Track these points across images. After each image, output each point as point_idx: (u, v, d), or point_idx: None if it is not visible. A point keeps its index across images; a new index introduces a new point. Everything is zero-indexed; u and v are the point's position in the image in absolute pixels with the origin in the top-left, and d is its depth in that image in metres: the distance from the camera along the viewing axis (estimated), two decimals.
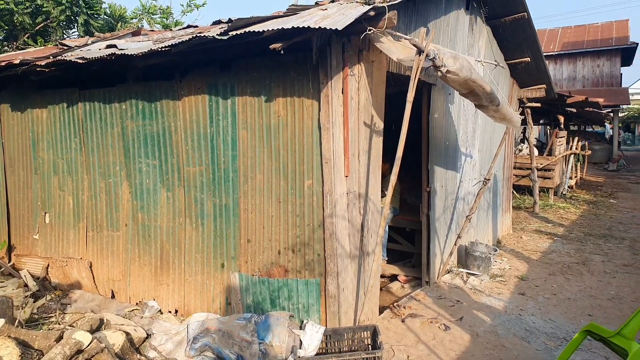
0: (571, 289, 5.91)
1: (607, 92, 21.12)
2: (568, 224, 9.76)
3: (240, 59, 4.22)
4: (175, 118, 4.67)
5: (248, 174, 4.31)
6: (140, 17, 12.23)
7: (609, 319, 5.03)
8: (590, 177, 17.80)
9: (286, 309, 4.18)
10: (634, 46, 23.78)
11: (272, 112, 4.12)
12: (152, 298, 5.04)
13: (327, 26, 3.14)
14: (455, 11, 5.64)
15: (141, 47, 4.44)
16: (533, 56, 7.36)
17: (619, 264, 6.98)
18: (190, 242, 4.74)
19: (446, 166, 5.87)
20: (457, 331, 4.68)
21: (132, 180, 5.08)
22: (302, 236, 4.08)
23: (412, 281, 6.11)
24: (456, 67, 3.60)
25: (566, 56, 24.15)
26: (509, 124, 5.38)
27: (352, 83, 3.95)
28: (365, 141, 4.22)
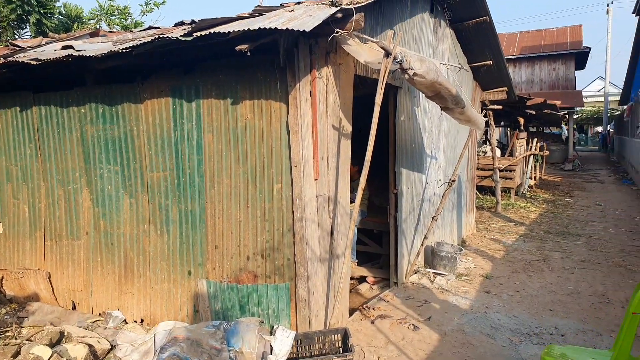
0: (533, 286, 6.06)
1: (562, 95, 21.92)
2: (529, 222, 10.04)
3: (205, 60, 4.13)
4: (138, 122, 4.53)
5: (215, 179, 4.22)
6: (98, 17, 11.87)
7: (568, 313, 5.19)
8: (548, 176, 18.39)
9: (256, 314, 4.11)
10: (587, 51, 24.81)
11: (238, 115, 4.04)
12: (116, 308, 4.87)
13: (294, 27, 3.10)
14: (420, 14, 5.71)
15: (100, 48, 4.30)
16: (495, 59, 7.53)
17: (577, 260, 7.22)
18: (155, 249, 4.60)
19: (412, 168, 5.92)
20: (426, 331, 4.72)
21: (93, 187, 4.90)
22: (271, 241, 4.02)
23: (380, 282, 6.13)
24: (423, 70, 3.62)
25: (525, 60, 24.95)
26: (473, 126, 5.47)
27: (320, 85, 3.92)
28: (334, 144, 4.20)
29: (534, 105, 10.84)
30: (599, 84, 43.43)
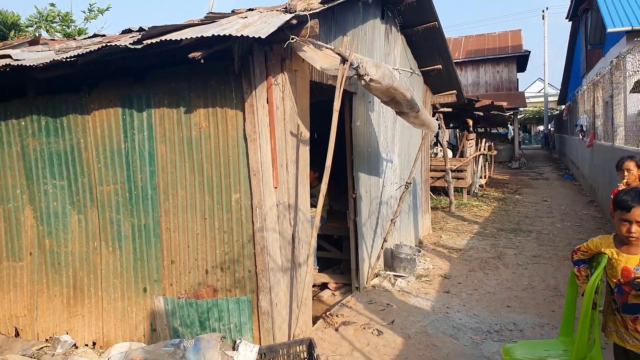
0: (490, 283, 6.19)
1: (507, 96, 22.78)
2: (482, 221, 10.30)
3: (156, 68, 3.98)
4: (85, 134, 4.31)
5: (169, 191, 4.06)
6: (38, 24, 11.27)
7: (525, 308, 5.32)
8: (497, 175, 19.02)
9: (217, 330, 3.98)
10: (527, 54, 25.97)
11: (192, 123, 3.92)
12: (65, 332, 4.60)
13: (249, 34, 3.03)
14: (371, 20, 5.74)
15: (42, 57, 4.06)
16: (444, 63, 7.69)
17: (529, 255, 7.45)
18: (107, 267, 4.38)
19: (370, 172, 5.94)
20: (390, 335, 4.71)
21: (36, 204, 4.62)
22: (231, 253, 3.91)
23: (342, 288, 6.10)
24: (379, 76, 3.63)
25: (470, 63, 25.80)
26: (427, 129, 5.55)
27: (277, 92, 3.85)
28: (292, 151, 4.14)
29: (482, 107, 11.17)
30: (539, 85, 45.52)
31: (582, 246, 3.01)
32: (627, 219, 2.61)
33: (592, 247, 2.91)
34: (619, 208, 2.65)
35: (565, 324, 3.29)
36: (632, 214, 2.58)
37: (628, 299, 2.65)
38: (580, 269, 3.03)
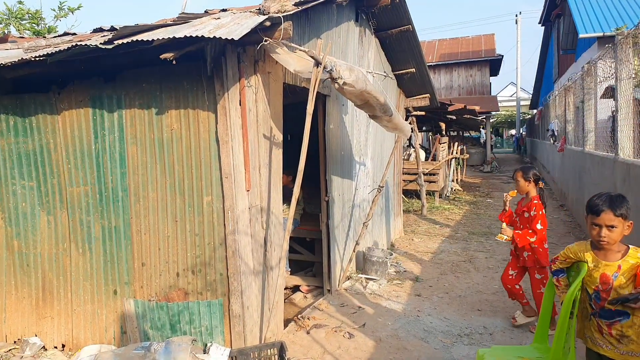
0: (461, 287, 6.28)
1: (480, 100, 23.17)
2: (453, 224, 10.45)
3: (127, 69, 3.94)
4: (55, 134, 4.25)
5: (140, 193, 4.03)
6: (7, 22, 10.99)
7: (495, 312, 5.41)
8: (468, 178, 19.31)
9: (188, 333, 3.96)
10: (500, 58, 26.44)
11: (164, 125, 3.89)
12: (33, 334, 4.51)
13: (222, 36, 3.04)
14: (345, 23, 5.79)
15: (10, 55, 3.99)
16: (417, 67, 7.79)
17: (500, 259, 7.57)
18: (77, 269, 4.32)
19: (343, 175, 5.98)
20: (361, 338, 4.75)
21: (4, 205, 4.52)
22: (202, 256, 3.90)
23: (314, 290, 6.13)
24: (352, 79, 3.67)
25: (443, 66, 26.15)
26: (400, 132, 5.62)
27: (250, 94, 3.86)
28: (265, 154, 4.15)
29: (455, 111, 11.36)
30: (511, 89, 46.41)
31: (559, 255, 3.01)
32: (597, 223, 2.67)
33: (570, 255, 2.91)
34: (590, 212, 2.71)
35: (540, 330, 3.31)
36: (602, 218, 2.63)
37: (605, 305, 2.72)
38: (559, 279, 3.03)
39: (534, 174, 4.80)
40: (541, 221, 4.66)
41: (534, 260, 4.83)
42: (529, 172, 4.82)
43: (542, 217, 4.67)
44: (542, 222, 4.67)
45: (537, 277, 4.87)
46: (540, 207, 4.71)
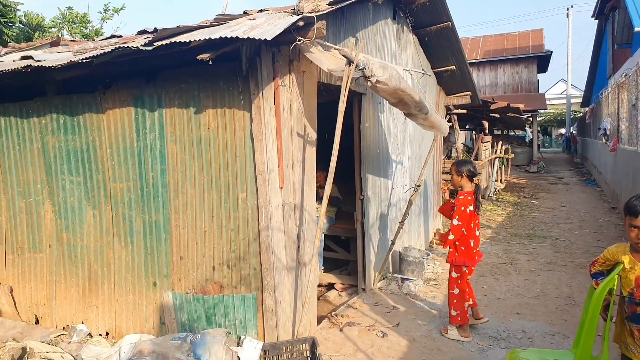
0: (500, 289, 6.16)
1: (526, 98, 22.47)
2: (495, 225, 10.22)
3: (168, 69, 4.09)
4: (100, 132, 4.46)
5: (179, 189, 4.18)
6: (60, 25, 11.58)
7: (535, 316, 5.27)
8: (513, 179, 18.80)
9: (223, 325, 4.08)
10: (549, 54, 25.53)
11: (202, 124, 4.02)
12: (80, 321, 4.76)
13: (255, 36, 3.11)
14: (383, 21, 5.78)
15: (60, 58, 4.21)
16: (458, 64, 7.67)
17: (543, 262, 7.36)
18: (119, 261, 4.52)
19: (378, 174, 5.98)
20: (395, 337, 4.74)
21: (55, 199, 4.79)
22: (237, 251, 4.00)
23: (348, 289, 6.15)
24: (385, 77, 3.67)
25: (488, 63, 25.50)
26: (437, 131, 5.56)
27: (284, 93, 3.93)
28: (299, 152, 4.21)
29: (498, 109, 11.08)
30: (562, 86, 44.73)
31: (599, 258, 2.96)
32: (636, 225, 2.59)
33: (609, 257, 2.85)
34: (628, 213, 2.63)
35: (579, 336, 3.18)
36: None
37: (637, 309, 2.63)
38: (598, 282, 2.95)
39: (468, 169, 4.67)
40: (459, 217, 4.55)
41: (451, 258, 4.75)
42: (462, 166, 4.70)
43: (460, 213, 4.55)
44: (460, 218, 4.55)
45: (453, 276, 4.77)
46: (464, 203, 4.58)
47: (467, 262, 4.67)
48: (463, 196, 4.63)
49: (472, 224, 4.65)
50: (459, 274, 4.73)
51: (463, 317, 4.71)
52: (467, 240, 4.66)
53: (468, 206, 4.58)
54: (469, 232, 4.63)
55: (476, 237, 4.71)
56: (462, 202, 4.59)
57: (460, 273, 4.72)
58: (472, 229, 4.65)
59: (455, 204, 4.71)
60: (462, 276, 4.72)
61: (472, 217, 4.61)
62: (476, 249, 4.73)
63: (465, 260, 4.67)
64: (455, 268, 4.75)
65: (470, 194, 4.64)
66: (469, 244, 4.67)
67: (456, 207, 4.63)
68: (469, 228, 4.63)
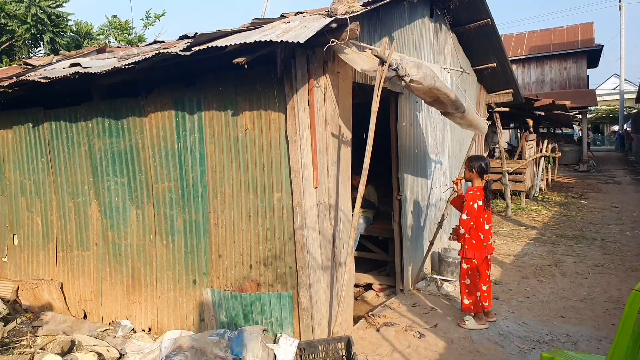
0: (544, 291, 5.98)
1: (574, 94, 21.65)
2: (540, 226, 9.92)
3: (206, 73, 4.21)
4: (142, 135, 4.63)
5: (217, 189, 4.29)
6: (107, 33, 12.08)
7: (581, 320, 5.10)
8: (561, 178, 18.15)
9: (259, 323, 4.16)
10: (599, 48, 24.46)
11: (239, 125, 4.11)
12: (124, 317, 4.96)
13: (289, 39, 3.17)
14: (419, 19, 5.73)
15: (105, 64, 4.41)
16: (499, 61, 7.51)
17: (591, 264, 7.09)
18: (161, 259, 4.68)
19: (416, 174, 5.93)
20: (432, 338, 4.70)
21: (101, 199, 5.01)
22: (273, 249, 4.07)
23: (386, 289, 6.13)
24: (419, 76, 3.65)
25: (534, 60, 24.69)
26: (475, 129, 5.47)
27: (318, 94, 3.97)
28: (333, 152, 4.24)
29: (543, 106, 10.75)
30: (614, 81, 42.79)
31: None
32: None
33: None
34: None
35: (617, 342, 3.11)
36: None
37: None
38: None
39: (479, 165, 4.86)
40: (468, 211, 4.76)
41: (462, 251, 4.95)
42: (474, 162, 4.92)
43: (469, 208, 4.76)
44: (469, 212, 4.75)
45: (464, 267, 4.96)
46: (472, 198, 4.78)
47: (476, 255, 4.85)
48: (472, 191, 4.83)
49: (481, 219, 4.83)
50: (469, 266, 4.92)
51: (476, 305, 4.93)
52: (476, 233, 4.85)
53: (477, 201, 4.77)
54: (478, 226, 4.83)
55: (486, 231, 4.89)
56: (471, 197, 4.80)
57: (470, 264, 4.91)
58: (481, 223, 4.84)
59: (464, 198, 4.92)
60: (472, 267, 4.91)
61: (481, 211, 4.81)
62: (486, 242, 4.91)
63: (474, 253, 4.86)
64: (465, 260, 4.94)
65: (480, 189, 4.82)
66: (479, 237, 4.86)
67: (465, 202, 4.85)
68: (478, 222, 4.82)
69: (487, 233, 4.89)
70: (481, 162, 4.91)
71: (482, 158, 5.06)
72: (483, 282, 4.96)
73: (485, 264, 4.97)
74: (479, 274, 4.93)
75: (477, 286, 4.92)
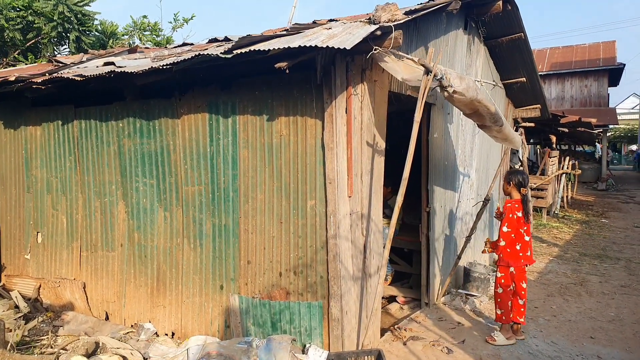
0: (571, 311, 5.85)
1: (595, 112, 21.42)
2: (562, 243, 9.77)
3: (242, 77, 4.18)
4: (174, 136, 4.60)
5: (249, 194, 4.24)
6: (132, 33, 12.17)
7: (611, 341, 4.97)
8: (580, 196, 17.93)
9: (288, 332, 4.08)
10: (621, 67, 24.25)
11: (274, 131, 4.07)
12: (148, 320, 4.91)
13: (335, 45, 3.12)
14: (454, 31, 5.67)
15: (140, 64, 4.39)
16: (529, 76, 7.42)
17: (616, 284, 6.95)
18: (188, 263, 4.63)
19: (445, 186, 5.84)
20: (460, 354, 4.59)
21: (128, 200, 4.98)
22: (304, 257, 4.00)
23: (410, 302, 6.03)
24: (462, 87, 3.59)
25: (555, 76, 24.53)
26: (510, 144, 5.38)
27: (356, 102, 3.92)
28: (367, 161, 4.18)
29: (568, 123, 10.62)
30: (633, 100, 42.43)
31: None
32: None
33: None
34: None
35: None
36: None
37: None
38: None
39: (517, 179, 4.93)
40: (508, 224, 4.86)
41: (498, 260, 5.00)
42: (512, 175, 4.99)
43: (509, 220, 4.86)
44: (509, 224, 4.85)
45: (498, 275, 4.98)
46: (511, 210, 4.86)
47: (511, 263, 4.86)
48: (510, 204, 4.91)
49: (521, 230, 4.87)
50: (503, 274, 4.92)
51: (507, 316, 4.92)
52: (513, 242, 4.88)
53: (516, 212, 4.85)
54: (518, 237, 4.87)
55: (525, 242, 4.90)
56: (510, 210, 4.89)
57: (505, 273, 4.91)
58: (520, 234, 4.87)
59: (503, 211, 4.98)
60: (507, 276, 4.91)
61: (521, 223, 4.85)
62: (526, 253, 4.91)
63: (509, 262, 4.87)
64: (500, 268, 4.97)
65: (518, 202, 4.89)
66: (514, 246, 4.88)
67: (504, 215, 4.92)
68: (518, 233, 4.86)
69: (526, 244, 4.90)
70: (519, 176, 4.96)
71: (521, 172, 5.10)
72: (519, 295, 4.90)
73: (522, 276, 4.92)
74: (514, 285, 4.90)
75: (509, 296, 4.91)
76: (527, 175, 5.16)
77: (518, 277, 4.88)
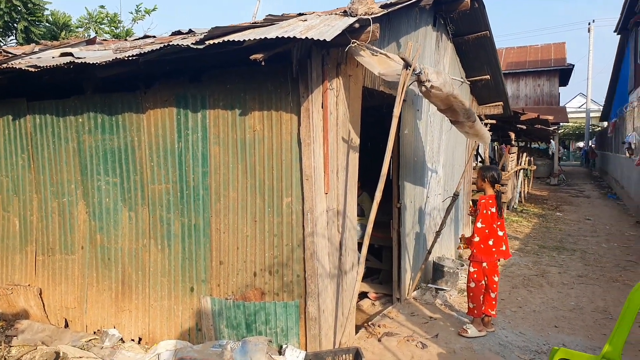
0: (535, 302, 6.01)
1: (548, 110, 22.23)
2: (522, 237, 10.04)
3: (212, 69, 4.00)
4: (139, 132, 4.38)
5: (221, 192, 4.08)
6: (87, 25, 11.63)
7: (574, 329, 5.14)
8: (535, 191, 18.55)
9: (263, 333, 3.96)
10: (571, 67, 25.28)
11: (247, 126, 3.92)
12: (112, 326, 4.66)
13: (314, 37, 3.02)
14: (424, 27, 5.67)
15: (102, 55, 4.16)
16: (493, 74, 7.54)
17: (574, 275, 7.20)
18: (155, 264, 4.42)
19: (415, 182, 5.85)
20: (434, 349, 4.61)
21: (89, 200, 4.71)
22: (280, 256, 3.89)
23: (382, 298, 6.01)
24: (440, 82, 3.56)
25: (510, 75, 25.27)
26: (481, 140, 5.44)
27: (332, 97, 3.83)
28: (343, 157, 4.10)
29: (527, 120, 10.91)
30: (580, 100, 44.31)
31: None
32: None
33: None
34: None
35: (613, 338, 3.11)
36: None
37: None
38: None
39: (492, 175, 5.00)
40: (482, 220, 4.88)
41: (471, 255, 5.04)
42: (487, 172, 5.04)
43: (483, 216, 4.88)
44: (483, 220, 4.87)
45: (471, 270, 5.04)
46: (485, 206, 4.90)
47: (484, 259, 4.91)
48: (484, 200, 4.94)
49: (495, 225, 4.91)
50: (476, 269, 4.97)
51: (478, 309, 4.97)
52: (486, 238, 4.91)
53: (490, 208, 4.88)
54: (491, 232, 4.90)
55: (499, 237, 4.94)
56: (484, 205, 4.91)
57: (478, 268, 4.96)
58: (494, 229, 4.91)
59: (477, 207, 4.99)
60: (479, 271, 4.95)
61: (495, 218, 4.89)
62: (500, 247, 4.95)
63: (482, 257, 4.91)
64: (473, 263, 5.01)
65: (492, 198, 4.93)
66: (487, 242, 4.91)
67: (478, 211, 4.93)
68: (491, 228, 4.90)
69: (499, 239, 4.94)
70: (493, 172, 5.03)
71: (494, 168, 5.16)
72: (491, 288, 4.96)
73: (494, 270, 4.98)
74: (486, 279, 4.96)
75: (481, 290, 4.95)
76: (500, 172, 5.22)
77: (490, 272, 4.94)
